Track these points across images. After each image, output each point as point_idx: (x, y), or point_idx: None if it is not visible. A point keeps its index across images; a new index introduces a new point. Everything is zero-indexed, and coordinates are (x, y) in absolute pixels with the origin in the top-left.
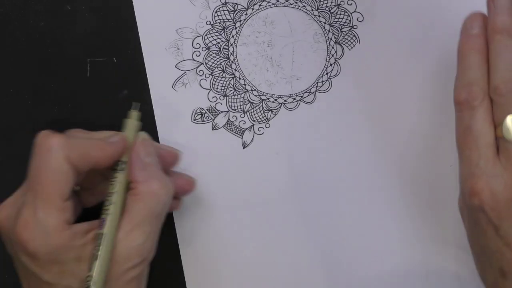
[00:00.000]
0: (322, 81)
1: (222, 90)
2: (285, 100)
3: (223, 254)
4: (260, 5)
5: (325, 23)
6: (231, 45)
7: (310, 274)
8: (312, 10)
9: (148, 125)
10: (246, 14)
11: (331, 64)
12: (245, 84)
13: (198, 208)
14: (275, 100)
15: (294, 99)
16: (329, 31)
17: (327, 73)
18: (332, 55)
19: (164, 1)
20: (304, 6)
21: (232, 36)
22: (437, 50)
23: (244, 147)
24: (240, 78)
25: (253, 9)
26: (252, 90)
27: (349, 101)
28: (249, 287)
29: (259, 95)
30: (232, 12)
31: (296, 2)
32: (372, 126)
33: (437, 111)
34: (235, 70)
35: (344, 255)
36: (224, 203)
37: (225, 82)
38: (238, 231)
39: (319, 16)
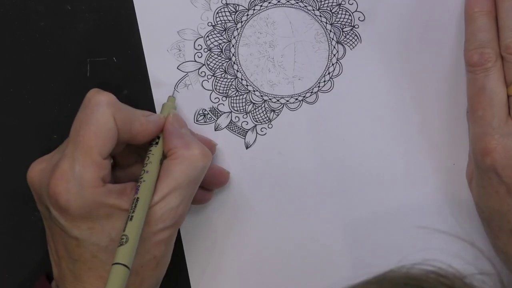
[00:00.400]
0: (324, 81)
1: (224, 91)
2: (287, 101)
3: (226, 253)
4: (261, 6)
5: (326, 23)
6: (233, 46)
7: (313, 272)
8: (314, 10)
9: None
10: (247, 15)
11: (333, 64)
12: (247, 85)
13: (202, 208)
14: (277, 100)
15: (296, 99)
16: (330, 31)
17: (329, 73)
18: (334, 55)
19: (165, 2)
20: (305, 6)
21: (234, 37)
22: (439, 48)
23: (247, 147)
24: (242, 79)
25: (254, 9)
26: (254, 91)
27: (351, 100)
28: (251, 285)
29: (261, 96)
30: (233, 13)
31: (297, 2)
32: (374, 125)
33: (441, 109)
34: (237, 71)
35: (349, 255)
36: (227, 203)
37: (227, 83)
38: (241, 231)
39: (320, 16)
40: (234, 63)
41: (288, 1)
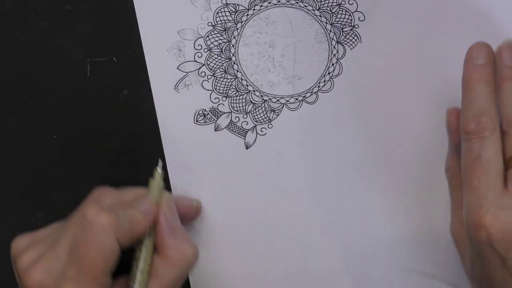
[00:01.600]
0: (324, 81)
1: (224, 91)
2: (287, 101)
3: (225, 253)
4: (261, 6)
5: (326, 23)
6: (233, 46)
7: (313, 271)
8: (314, 10)
9: (151, 127)
10: (247, 15)
11: (333, 64)
12: (247, 85)
13: (202, 209)
14: (277, 100)
15: (296, 99)
16: (330, 31)
17: (329, 73)
18: (334, 55)
19: (165, 2)
20: (305, 6)
21: (234, 37)
22: (439, 49)
23: (247, 147)
24: (242, 79)
25: (254, 9)
26: (254, 91)
27: (351, 100)
28: (251, 285)
29: (261, 96)
30: (233, 13)
31: (297, 2)
32: (374, 125)
33: (440, 110)
34: (237, 71)
35: (348, 253)
36: (227, 203)
37: (227, 83)
38: (240, 231)
39: (320, 16)
40: (234, 63)
41: (288, 1)
